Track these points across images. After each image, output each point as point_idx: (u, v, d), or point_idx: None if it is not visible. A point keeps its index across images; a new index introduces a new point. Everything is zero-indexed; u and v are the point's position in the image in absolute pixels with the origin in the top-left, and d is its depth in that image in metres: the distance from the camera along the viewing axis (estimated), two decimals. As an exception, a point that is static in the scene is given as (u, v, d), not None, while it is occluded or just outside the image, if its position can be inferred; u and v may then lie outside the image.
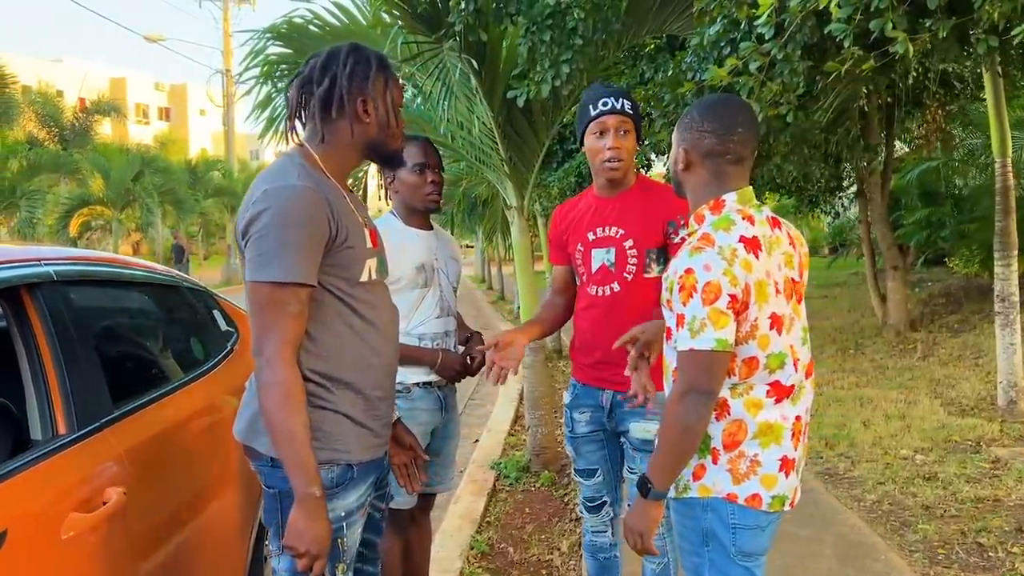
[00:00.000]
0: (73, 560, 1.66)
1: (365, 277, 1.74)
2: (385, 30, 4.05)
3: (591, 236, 2.42)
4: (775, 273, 1.74)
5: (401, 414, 2.45)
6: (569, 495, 4.39)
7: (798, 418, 1.78)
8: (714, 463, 1.75)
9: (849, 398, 6.22)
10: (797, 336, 1.78)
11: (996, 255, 5.58)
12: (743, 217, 1.74)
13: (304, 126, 1.78)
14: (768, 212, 1.83)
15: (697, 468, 1.77)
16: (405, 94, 5.01)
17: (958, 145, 12.14)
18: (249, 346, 1.69)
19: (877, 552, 3.49)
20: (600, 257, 2.40)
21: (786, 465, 1.75)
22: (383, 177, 2.65)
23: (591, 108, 2.38)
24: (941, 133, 10.87)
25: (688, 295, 1.67)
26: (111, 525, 1.76)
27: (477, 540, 3.80)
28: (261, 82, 4.07)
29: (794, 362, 1.76)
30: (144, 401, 2.17)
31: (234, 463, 2.42)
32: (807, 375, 1.81)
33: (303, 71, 1.75)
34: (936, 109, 9.17)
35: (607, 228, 2.40)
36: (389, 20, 4.03)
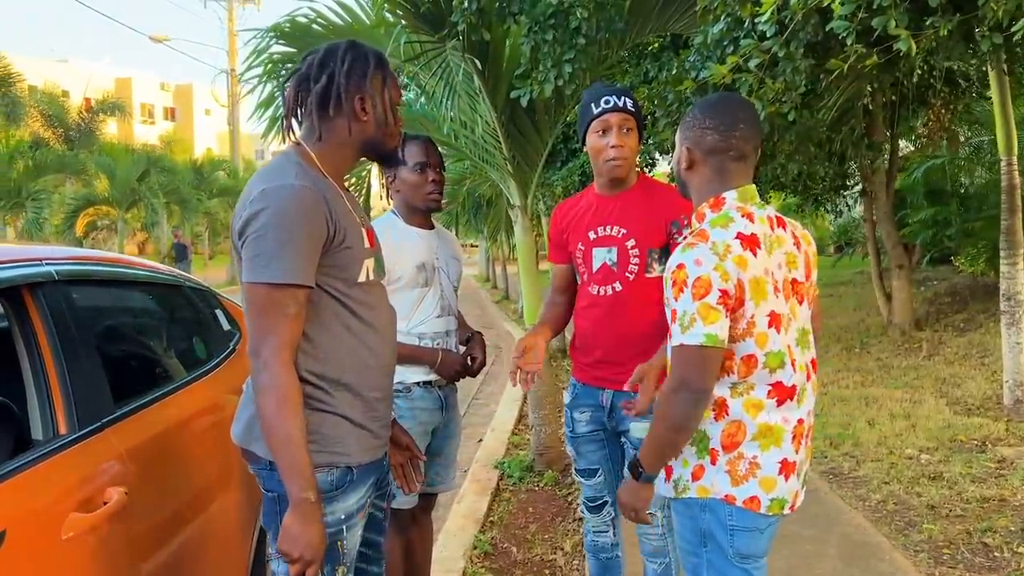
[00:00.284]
0: (73, 560, 1.66)
1: (363, 278, 1.72)
2: (388, 29, 4.05)
3: (592, 235, 2.41)
4: (776, 272, 1.73)
5: (401, 414, 2.45)
6: (573, 495, 4.39)
7: (800, 421, 1.77)
8: (713, 464, 1.75)
9: (854, 397, 6.19)
10: (792, 337, 1.77)
11: (1002, 254, 5.55)
12: (742, 215, 1.74)
13: (301, 124, 1.76)
14: (771, 211, 1.82)
15: (696, 469, 1.77)
16: (408, 94, 5.04)
17: (964, 143, 12.10)
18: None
19: (882, 552, 3.48)
20: (601, 256, 2.39)
21: (786, 468, 1.74)
22: (384, 176, 2.65)
23: (593, 107, 2.37)
24: (946, 131, 10.82)
25: (679, 290, 1.68)
26: (112, 525, 1.76)
27: (480, 540, 3.79)
28: (265, 81, 4.07)
29: (791, 362, 1.75)
30: (146, 401, 2.17)
31: (236, 463, 2.41)
32: (807, 377, 1.80)
33: (300, 68, 1.73)
34: (941, 107, 9.13)
35: (608, 227, 2.39)
36: (392, 19, 4.03)
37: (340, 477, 1.68)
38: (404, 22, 3.94)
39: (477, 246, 26.83)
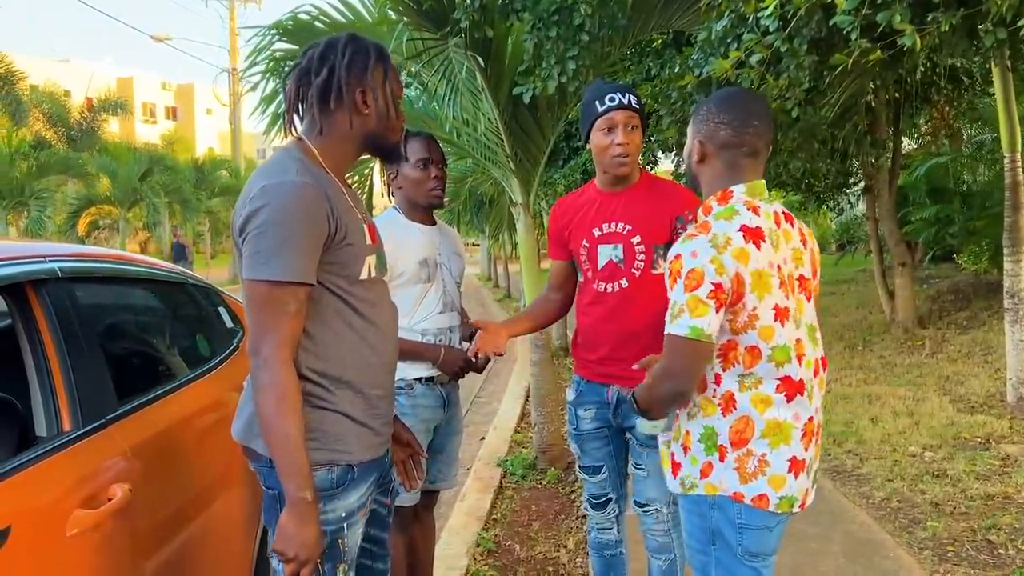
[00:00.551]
0: (78, 557, 1.66)
1: (364, 275, 1.71)
2: (391, 27, 4.04)
3: (597, 232, 2.40)
4: (783, 266, 1.73)
5: (403, 411, 2.45)
6: (576, 492, 4.38)
7: (810, 418, 1.76)
8: (721, 461, 1.74)
9: (857, 395, 6.18)
10: (804, 332, 1.76)
11: (1006, 251, 5.54)
12: (748, 208, 1.73)
13: (302, 120, 1.74)
14: (779, 207, 1.81)
15: (704, 466, 1.76)
16: (410, 92, 5.03)
17: (967, 141, 12.08)
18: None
19: (886, 549, 3.47)
20: (607, 253, 2.38)
21: (795, 466, 1.73)
22: (386, 173, 2.64)
23: (597, 104, 2.36)
24: (949, 128, 10.80)
25: (674, 280, 1.69)
26: (116, 522, 1.75)
27: (483, 537, 3.79)
28: (267, 77, 4.06)
29: (798, 357, 1.74)
30: (149, 398, 2.17)
31: (239, 461, 2.41)
32: (815, 373, 1.79)
33: (301, 62, 1.71)
34: (944, 104, 9.10)
35: (613, 224, 2.38)
36: (395, 17, 4.02)
37: (341, 475, 1.67)
38: (406, 19, 3.93)
39: (479, 245, 26.80)
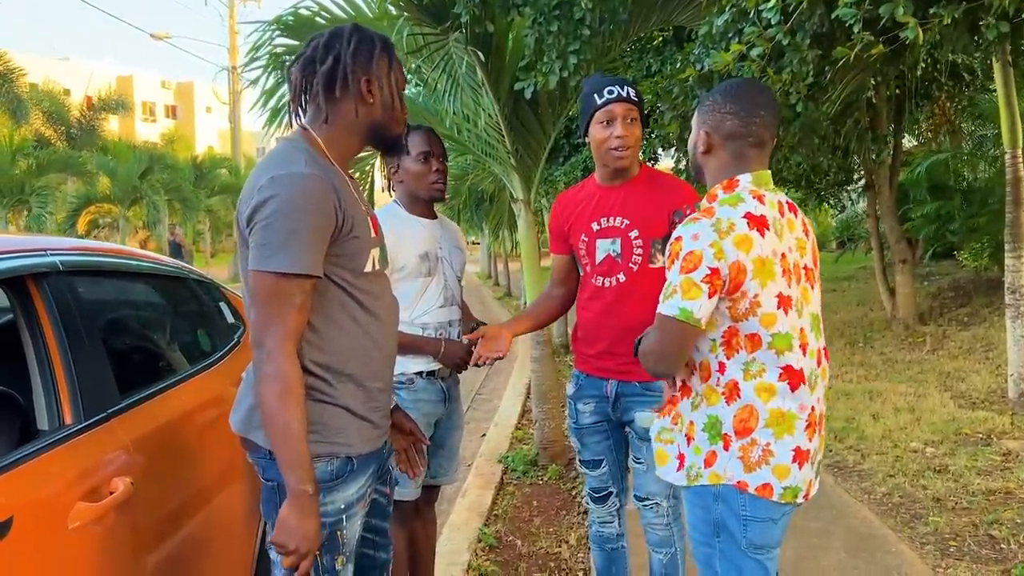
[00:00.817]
0: (80, 550, 1.66)
1: (369, 267, 1.71)
2: (391, 22, 4.03)
3: (595, 226, 2.40)
4: (788, 255, 1.72)
5: (404, 405, 2.44)
6: (577, 488, 4.38)
7: (812, 408, 1.75)
8: (725, 450, 1.74)
9: (858, 391, 6.18)
10: (807, 322, 1.76)
11: (1007, 247, 5.53)
12: (754, 196, 1.73)
13: (306, 111, 1.73)
14: (783, 196, 1.81)
15: (708, 455, 1.76)
16: (411, 87, 5.03)
17: (967, 138, 12.07)
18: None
19: (888, 544, 3.47)
20: (605, 248, 2.38)
21: (800, 456, 1.73)
22: (387, 167, 2.63)
23: (596, 97, 2.35)
24: (950, 125, 10.80)
25: (672, 261, 1.70)
26: (118, 515, 1.75)
27: (485, 533, 3.79)
28: (268, 72, 4.05)
29: (802, 346, 1.74)
30: (151, 392, 2.16)
31: (241, 455, 2.41)
32: (817, 363, 1.79)
33: (305, 52, 1.71)
34: (945, 101, 9.10)
35: (612, 218, 2.38)
36: (395, 12, 4.01)
37: (340, 467, 1.67)
38: (407, 14, 3.92)
39: (479, 243, 26.80)
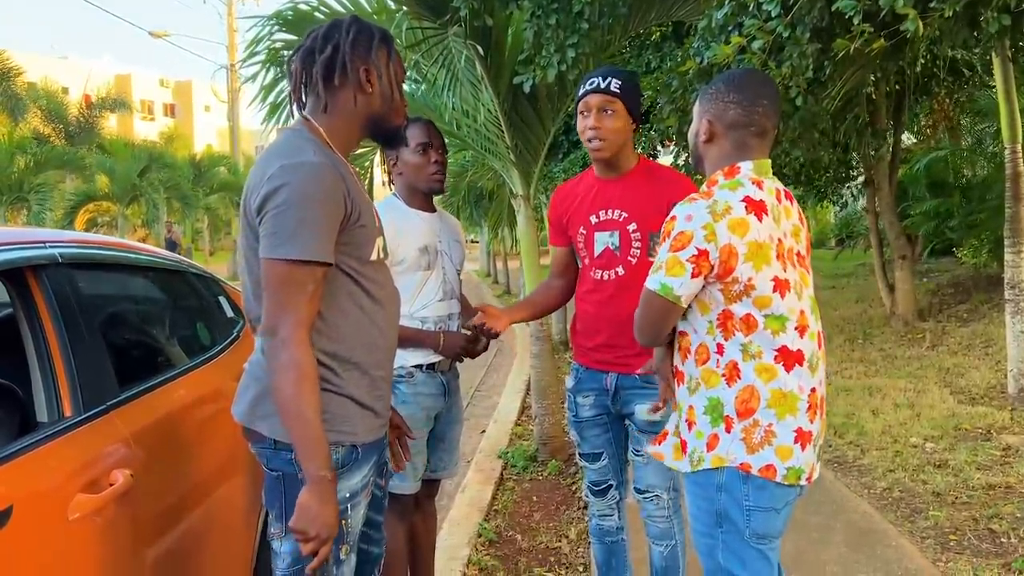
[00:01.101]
0: (80, 541, 1.65)
1: (374, 256, 1.73)
2: (390, 16, 4.03)
3: (593, 219, 2.39)
4: (784, 240, 1.73)
5: (404, 399, 2.44)
6: (576, 484, 4.38)
7: (813, 390, 1.76)
8: (727, 432, 1.74)
9: (858, 387, 6.18)
10: (807, 304, 1.77)
11: (1007, 242, 5.53)
12: (753, 182, 1.74)
13: (305, 105, 1.75)
14: (779, 185, 1.82)
15: (710, 438, 1.76)
16: (409, 83, 5.01)
17: (966, 134, 12.07)
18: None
19: (888, 538, 3.47)
20: (603, 240, 2.37)
21: (802, 437, 1.73)
22: (386, 160, 2.63)
23: (581, 89, 2.37)
24: (949, 121, 10.80)
25: (663, 239, 1.72)
26: (118, 507, 1.75)
27: (485, 528, 3.78)
28: (267, 67, 4.04)
29: (799, 328, 1.74)
30: (151, 385, 2.16)
31: (241, 447, 2.40)
32: (819, 346, 1.80)
33: (305, 43, 1.73)
34: (944, 97, 9.09)
35: (610, 211, 2.37)
36: (394, 6, 4.01)
37: (345, 455, 1.67)
38: (405, 8, 3.91)
39: (478, 242, 26.79)
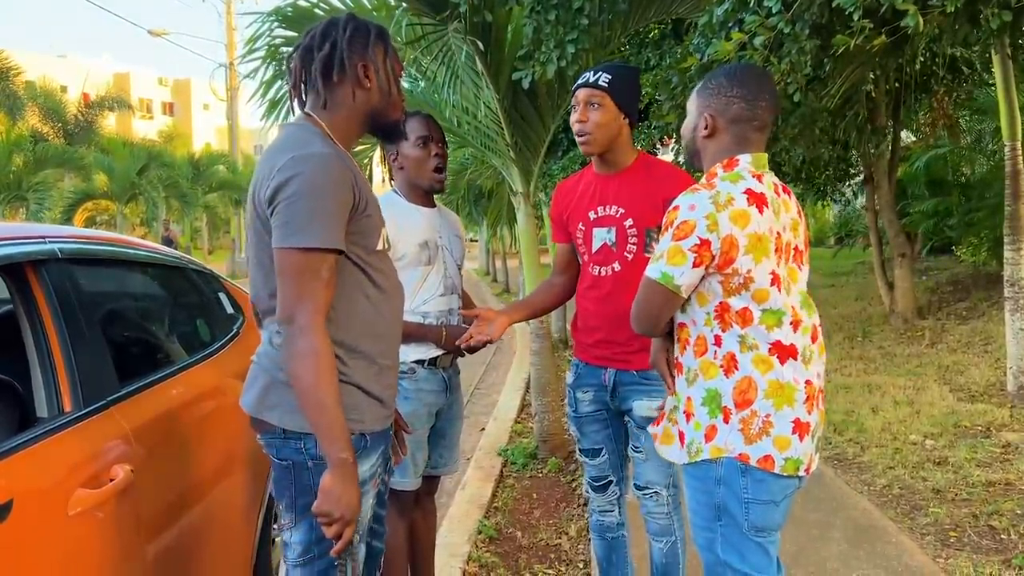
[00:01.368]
0: (80, 535, 1.65)
1: (380, 245, 1.76)
2: (390, 13, 4.02)
3: (592, 215, 2.40)
4: (783, 234, 1.74)
5: (406, 395, 2.44)
6: (576, 481, 4.38)
7: (808, 382, 1.76)
8: (726, 422, 1.74)
9: (857, 385, 6.18)
10: (796, 300, 1.78)
11: (1006, 240, 5.52)
12: (753, 175, 1.74)
13: (305, 102, 1.77)
14: (777, 180, 1.83)
15: (708, 429, 1.76)
16: (409, 80, 5.01)
17: (965, 133, 12.07)
18: (253, 329, 1.67)
19: (888, 535, 3.47)
20: (601, 237, 2.38)
21: (800, 428, 1.73)
22: (386, 156, 2.62)
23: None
24: (948, 119, 10.79)
25: (666, 229, 1.72)
26: (118, 502, 1.75)
27: (485, 525, 3.78)
28: (267, 64, 4.04)
29: (793, 323, 1.75)
30: (151, 380, 2.16)
31: (241, 444, 2.41)
32: (813, 339, 1.80)
33: (304, 41, 1.76)
34: (944, 95, 9.09)
35: (607, 207, 2.37)
36: (393, 2, 4.01)
37: (355, 443, 1.67)
38: (405, 4, 3.91)
39: (477, 241, 26.78)
